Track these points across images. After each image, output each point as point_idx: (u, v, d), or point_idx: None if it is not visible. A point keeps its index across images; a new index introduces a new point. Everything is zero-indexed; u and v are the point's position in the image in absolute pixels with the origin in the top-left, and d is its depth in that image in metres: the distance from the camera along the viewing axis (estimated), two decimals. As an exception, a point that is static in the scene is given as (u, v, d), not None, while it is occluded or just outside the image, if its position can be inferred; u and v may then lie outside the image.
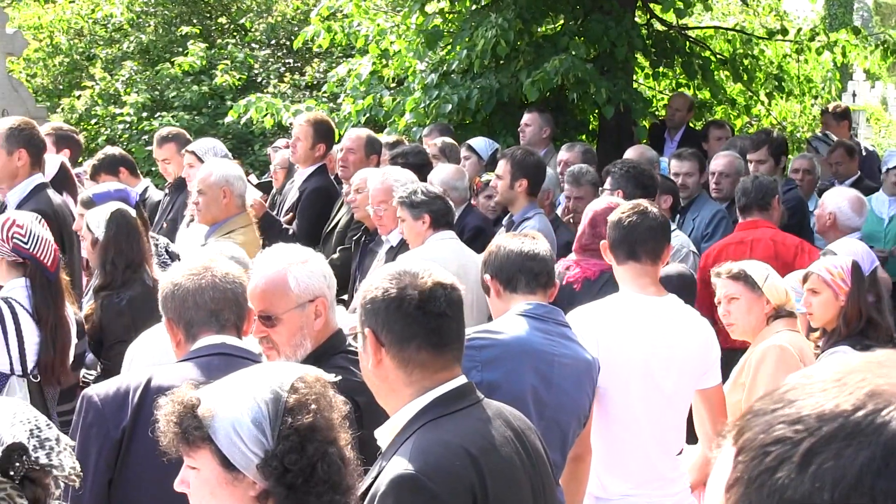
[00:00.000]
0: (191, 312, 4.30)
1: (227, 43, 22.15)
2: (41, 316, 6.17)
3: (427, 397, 3.50)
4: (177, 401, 2.94)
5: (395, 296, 3.48)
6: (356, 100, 13.96)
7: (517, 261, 5.21)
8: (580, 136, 13.40)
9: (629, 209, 5.72)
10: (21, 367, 6.13)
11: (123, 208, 6.84)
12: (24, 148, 7.82)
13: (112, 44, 22.59)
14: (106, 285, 6.70)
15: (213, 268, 4.36)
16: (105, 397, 4.15)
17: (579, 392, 5.11)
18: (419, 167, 8.87)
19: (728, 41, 15.82)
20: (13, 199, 7.78)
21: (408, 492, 3.26)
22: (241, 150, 19.23)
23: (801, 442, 1.26)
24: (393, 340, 3.48)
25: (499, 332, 5.02)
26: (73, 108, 21.12)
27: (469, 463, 3.39)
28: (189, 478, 2.97)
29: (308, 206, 9.58)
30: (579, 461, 5.41)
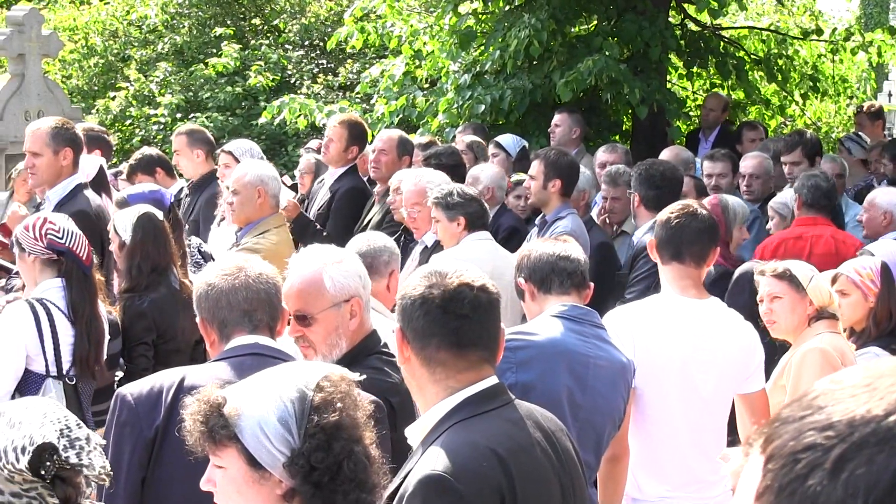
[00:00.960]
0: (224, 312, 4.30)
1: (261, 44, 22.19)
2: (76, 310, 6.18)
3: (457, 397, 3.51)
4: (203, 400, 2.95)
5: (419, 294, 3.51)
6: (389, 100, 13.97)
7: (550, 262, 5.21)
8: (613, 137, 13.37)
9: (678, 209, 5.70)
10: (56, 369, 6.15)
11: (150, 212, 6.84)
12: (70, 147, 7.85)
13: (146, 45, 22.66)
14: (131, 289, 6.72)
15: (247, 268, 4.37)
16: (139, 396, 4.16)
17: (614, 394, 5.10)
18: (453, 168, 8.86)
19: (762, 41, 15.76)
20: (53, 198, 7.80)
21: (434, 492, 3.28)
22: (275, 151, 19.26)
23: (833, 448, 1.24)
24: (415, 338, 3.52)
25: (533, 334, 5.01)
26: (107, 109, 21.19)
27: (497, 464, 3.40)
28: (215, 477, 2.97)
29: (342, 206, 9.58)
30: (616, 462, 5.40)
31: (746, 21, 17.17)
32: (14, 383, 6.11)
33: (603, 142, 12.14)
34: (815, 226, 8.11)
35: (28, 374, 6.12)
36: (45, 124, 7.95)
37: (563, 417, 4.86)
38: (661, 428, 5.48)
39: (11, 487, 2.71)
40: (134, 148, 16.97)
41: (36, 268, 6.22)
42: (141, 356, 6.66)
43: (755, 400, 5.69)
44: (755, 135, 12.14)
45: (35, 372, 6.12)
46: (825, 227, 8.13)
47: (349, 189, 9.66)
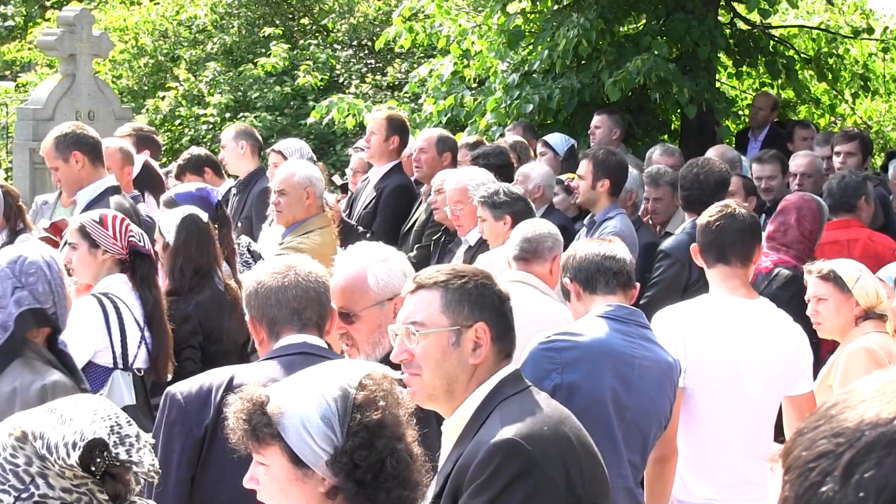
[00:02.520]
0: (273, 310, 4.31)
1: (310, 44, 22.24)
2: (154, 313, 6.26)
3: (489, 384, 3.60)
4: (246, 398, 2.96)
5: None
6: (437, 100, 13.97)
7: (595, 261, 5.21)
8: (662, 137, 13.33)
9: (717, 211, 5.68)
10: (123, 362, 6.21)
11: (194, 213, 6.87)
12: (77, 150, 7.82)
13: (196, 45, 22.76)
14: (175, 291, 6.75)
15: (297, 266, 4.38)
16: (188, 395, 4.17)
17: (660, 395, 5.08)
18: (501, 168, 8.85)
19: (812, 40, 15.68)
20: (82, 200, 7.79)
21: (507, 456, 3.38)
22: (323, 151, 19.30)
23: (843, 454, 1.26)
24: (500, 334, 3.66)
25: (579, 334, 5.01)
26: (157, 109, 21.30)
27: (554, 429, 3.50)
28: (258, 474, 2.98)
29: (390, 204, 9.58)
30: (665, 462, 5.39)
31: (796, 20, 17.07)
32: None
33: (651, 141, 12.10)
34: (848, 228, 8.04)
35: (93, 368, 6.17)
36: (49, 138, 7.95)
37: (607, 418, 4.87)
38: (710, 429, 5.46)
39: (62, 483, 2.72)
40: (183, 147, 17.03)
41: (105, 265, 6.26)
42: (188, 359, 6.68)
43: (803, 402, 5.65)
44: (807, 133, 12.06)
45: (101, 365, 6.19)
46: (860, 229, 8.04)
47: (396, 187, 9.66)
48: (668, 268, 7.55)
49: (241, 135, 10.25)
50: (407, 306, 3.68)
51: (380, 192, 9.67)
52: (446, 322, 3.59)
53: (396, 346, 3.65)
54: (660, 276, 7.62)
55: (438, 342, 3.59)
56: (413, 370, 3.60)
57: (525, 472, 3.38)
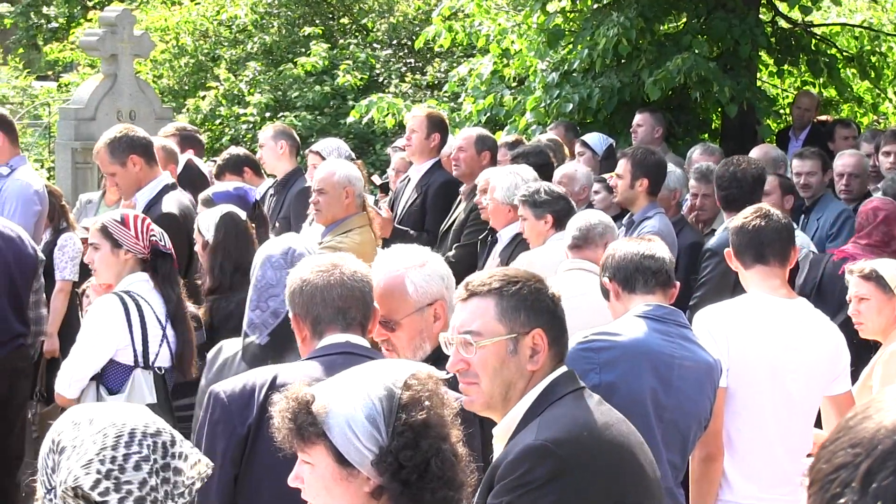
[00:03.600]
0: (318, 309, 4.30)
1: (349, 43, 22.27)
2: (177, 312, 6.28)
3: (539, 387, 3.58)
4: (291, 397, 2.96)
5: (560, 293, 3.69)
6: (477, 99, 13.96)
7: (634, 261, 5.19)
8: (702, 136, 13.28)
9: (751, 213, 5.65)
10: (144, 360, 6.22)
11: (233, 211, 6.88)
12: (133, 153, 7.84)
13: (236, 45, 22.82)
14: (215, 289, 6.77)
15: (342, 265, 4.37)
16: (231, 394, 4.17)
17: (700, 394, 5.06)
18: (540, 167, 8.84)
19: (855, 38, 15.57)
20: (141, 200, 7.85)
21: (536, 458, 3.38)
22: (363, 150, 19.31)
23: (860, 464, 1.27)
24: (556, 337, 3.65)
25: (617, 334, 4.99)
26: (198, 109, 21.37)
27: (597, 435, 3.49)
28: (303, 473, 2.98)
29: (439, 201, 9.53)
30: (711, 462, 5.37)
31: (839, 18, 16.95)
32: (92, 373, 6.23)
33: (692, 141, 12.06)
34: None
35: (115, 366, 6.20)
36: (102, 143, 7.94)
37: (646, 418, 4.85)
38: (752, 428, 5.44)
39: (68, 501, 2.72)
40: (223, 147, 17.10)
41: (127, 264, 6.29)
42: None
43: (842, 402, 5.62)
44: (848, 132, 11.98)
45: (122, 363, 6.22)
46: None
47: (444, 183, 9.63)
48: (716, 266, 7.49)
49: (280, 135, 10.28)
50: (460, 314, 3.65)
51: (425, 189, 9.65)
52: (503, 330, 3.56)
53: (452, 356, 3.62)
54: (708, 275, 7.57)
55: (496, 351, 3.56)
56: (470, 379, 3.58)
57: (554, 477, 3.37)
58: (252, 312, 5.14)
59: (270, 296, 5.13)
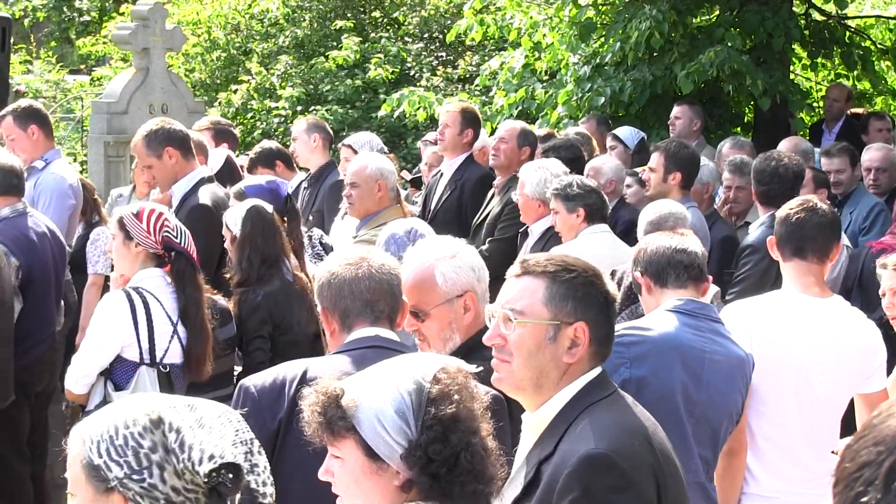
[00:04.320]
0: (346, 302, 4.31)
1: (381, 37, 22.27)
2: (188, 311, 6.27)
3: (576, 385, 3.50)
4: (321, 391, 2.96)
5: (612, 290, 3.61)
6: (508, 93, 13.94)
7: (666, 255, 5.18)
8: (735, 129, 13.24)
9: (798, 205, 5.62)
10: (150, 357, 6.23)
11: (259, 204, 6.90)
12: (169, 145, 7.87)
13: (268, 38, 22.85)
14: (242, 282, 6.78)
15: (370, 258, 4.38)
16: (262, 388, 4.18)
17: (731, 389, 5.04)
18: (572, 161, 8.82)
19: (890, 30, 15.50)
20: (178, 193, 7.87)
21: (599, 470, 3.29)
22: (394, 144, 19.32)
23: (883, 462, 1.26)
24: (599, 334, 3.55)
25: (648, 329, 4.98)
26: (229, 102, 21.42)
27: (646, 444, 3.42)
28: (333, 467, 2.98)
29: (478, 196, 9.50)
30: (734, 456, 5.36)
31: (873, 10, 16.86)
32: (99, 369, 6.24)
33: (724, 134, 12.03)
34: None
35: (121, 362, 6.22)
36: (139, 136, 7.96)
37: (676, 413, 4.83)
38: (775, 426, 5.42)
39: (175, 482, 2.72)
40: (255, 141, 17.13)
41: (139, 258, 6.29)
42: (258, 350, 6.71)
43: (875, 399, 5.57)
44: (882, 125, 11.91)
45: (129, 360, 6.23)
46: None
47: (480, 178, 9.59)
48: (758, 262, 7.46)
49: (313, 128, 10.29)
50: (509, 290, 3.57)
51: (460, 185, 9.62)
52: (547, 315, 3.48)
53: (491, 329, 3.55)
54: (748, 272, 7.54)
55: (535, 334, 3.48)
56: (504, 356, 3.50)
57: (619, 489, 3.31)
58: None
59: None
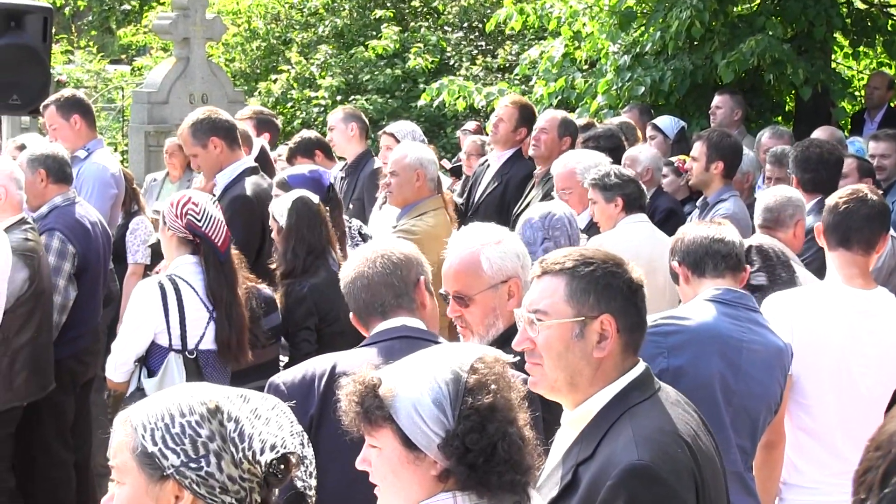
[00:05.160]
0: (362, 300, 4.37)
1: (421, 26, 22.28)
2: (215, 295, 6.29)
3: (617, 384, 3.46)
4: (358, 381, 2.96)
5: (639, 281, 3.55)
6: (548, 82, 13.91)
7: (704, 244, 5.16)
8: (776, 118, 13.16)
9: (847, 194, 5.57)
10: (181, 344, 6.26)
11: (305, 195, 6.92)
12: (215, 135, 7.91)
13: (307, 28, 22.90)
14: (288, 273, 6.79)
15: (381, 252, 4.41)
16: (291, 385, 4.20)
17: (770, 379, 5.02)
18: (612, 150, 8.79)
19: (932, 19, 15.35)
20: (221, 182, 7.91)
21: (643, 483, 3.25)
22: (434, 134, 19.33)
23: (880, 466, 1.27)
24: (631, 328, 3.50)
25: (685, 318, 4.96)
26: (269, 92, 21.47)
27: (687, 451, 3.38)
28: (371, 457, 2.98)
29: (521, 195, 9.48)
30: (772, 448, 5.33)
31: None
32: (135, 356, 6.31)
33: (765, 123, 11.96)
34: None
35: (156, 349, 6.29)
36: (185, 125, 8.03)
37: (714, 402, 4.82)
38: (815, 418, 5.39)
39: (231, 471, 2.74)
40: (295, 130, 17.16)
41: (172, 243, 6.35)
42: (304, 341, 6.73)
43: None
44: (926, 113, 11.85)
45: (161, 345, 6.29)
46: None
47: (527, 175, 9.55)
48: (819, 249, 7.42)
49: (350, 117, 10.32)
50: (532, 292, 3.54)
51: (506, 180, 9.59)
52: (570, 312, 3.43)
53: (519, 334, 3.52)
54: (812, 257, 7.49)
55: (561, 333, 3.43)
56: (535, 359, 3.47)
57: (663, 502, 3.28)
58: None
59: (529, 253, 5.31)
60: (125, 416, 2.82)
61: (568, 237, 6.07)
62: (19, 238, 6.90)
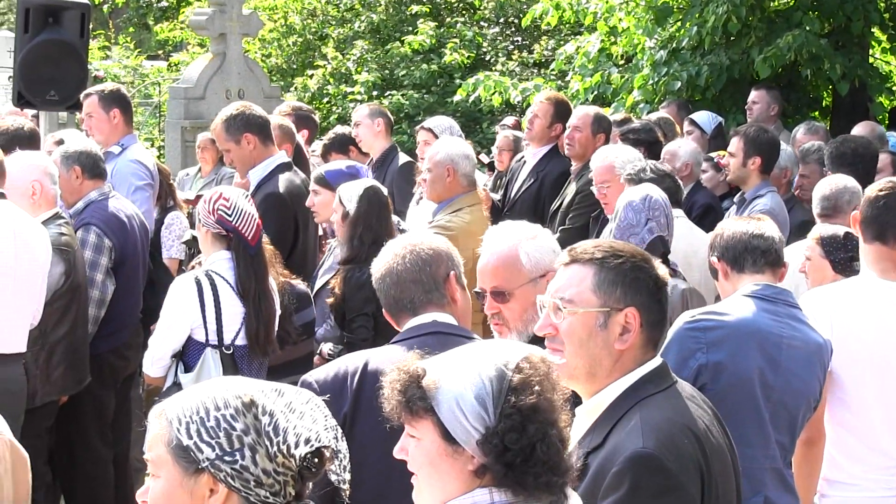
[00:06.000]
0: (392, 296, 4.37)
1: (457, 21, 22.27)
2: (245, 288, 6.31)
3: (632, 376, 3.50)
4: (403, 369, 2.96)
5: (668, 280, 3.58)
6: (584, 77, 13.89)
7: (743, 240, 5.15)
8: (813, 114, 13.10)
9: (886, 187, 5.52)
10: (217, 339, 6.28)
11: (376, 185, 7.02)
12: (248, 132, 7.92)
13: (344, 23, 22.92)
14: (351, 259, 6.81)
15: (410, 247, 4.41)
16: (324, 383, 4.19)
17: (809, 375, 5.00)
18: (650, 144, 8.77)
19: (972, 14, 15.25)
20: (254, 178, 7.92)
21: (646, 470, 3.28)
22: (469, 129, 19.31)
23: None
24: (653, 323, 3.53)
25: (725, 314, 4.95)
26: (305, 88, 21.51)
27: (695, 442, 3.39)
28: (409, 446, 2.98)
29: (556, 193, 9.46)
30: (812, 445, 5.31)
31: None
32: (172, 352, 6.34)
33: (801, 118, 11.91)
34: None
35: (193, 344, 6.31)
36: (218, 120, 8.03)
37: (753, 398, 4.81)
38: (855, 413, 5.35)
39: (266, 465, 2.76)
40: (331, 126, 17.19)
41: (207, 240, 6.38)
42: (361, 327, 6.73)
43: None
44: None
45: (197, 341, 6.31)
46: None
47: (563, 172, 9.52)
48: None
49: (376, 113, 10.35)
50: (558, 279, 3.57)
51: (541, 177, 9.57)
52: (596, 302, 3.47)
53: (542, 319, 3.56)
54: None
55: (585, 322, 3.47)
56: (556, 346, 3.50)
57: (666, 491, 3.30)
58: None
59: (631, 234, 6.08)
60: (160, 409, 2.83)
61: (666, 217, 6.21)
62: (54, 233, 6.93)
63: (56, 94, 11.19)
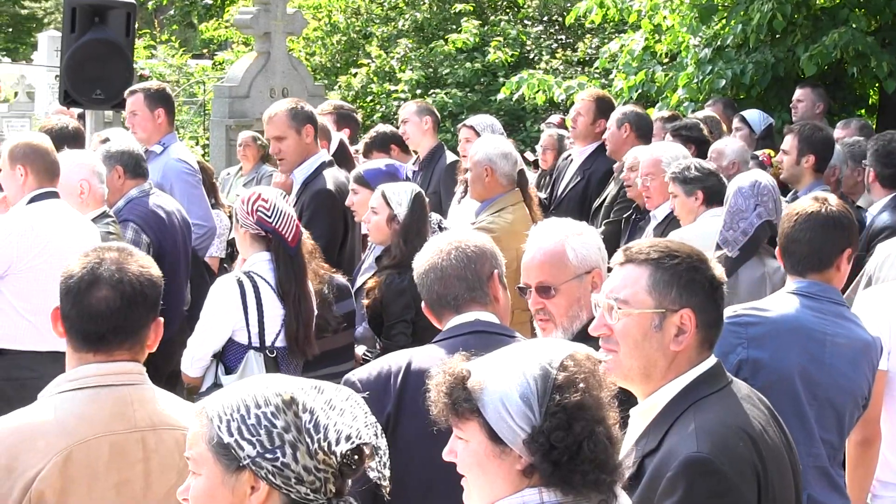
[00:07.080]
0: (435, 292, 4.38)
1: (500, 20, 22.26)
2: (284, 289, 6.29)
3: (687, 377, 3.48)
4: (448, 371, 2.97)
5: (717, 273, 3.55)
6: (628, 75, 13.85)
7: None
8: (859, 112, 13.02)
9: None
10: (259, 341, 6.28)
11: (421, 191, 7.01)
12: (310, 123, 7.96)
13: (388, 22, 22.95)
14: (394, 264, 6.78)
15: (455, 244, 4.41)
16: (367, 382, 4.20)
17: (856, 372, 4.96)
18: (699, 142, 8.75)
19: None
20: (299, 177, 7.94)
21: (701, 475, 3.27)
22: (513, 127, 19.31)
23: None
24: (710, 321, 3.52)
25: (767, 310, 4.93)
26: (349, 86, 21.55)
27: (750, 444, 3.38)
28: (457, 448, 2.99)
29: (603, 191, 9.46)
30: (868, 446, 5.27)
31: None
32: (212, 352, 6.31)
33: (847, 116, 11.83)
34: None
35: (233, 345, 6.29)
36: (281, 107, 8.03)
37: (795, 395, 4.78)
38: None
39: (307, 462, 2.77)
40: (374, 124, 17.22)
41: (246, 241, 6.36)
42: (400, 333, 6.71)
43: None
44: None
45: (239, 342, 6.29)
46: None
47: (609, 170, 9.50)
48: None
49: (424, 110, 10.34)
50: (613, 279, 3.55)
51: (588, 175, 9.58)
52: (651, 303, 3.46)
53: (597, 319, 3.55)
54: None
55: (640, 323, 3.46)
56: (611, 346, 3.49)
57: (720, 495, 3.28)
58: (726, 232, 6.52)
59: (741, 219, 6.42)
60: (201, 407, 2.84)
61: (774, 202, 6.47)
62: (102, 231, 6.97)
63: (102, 92, 11.26)
